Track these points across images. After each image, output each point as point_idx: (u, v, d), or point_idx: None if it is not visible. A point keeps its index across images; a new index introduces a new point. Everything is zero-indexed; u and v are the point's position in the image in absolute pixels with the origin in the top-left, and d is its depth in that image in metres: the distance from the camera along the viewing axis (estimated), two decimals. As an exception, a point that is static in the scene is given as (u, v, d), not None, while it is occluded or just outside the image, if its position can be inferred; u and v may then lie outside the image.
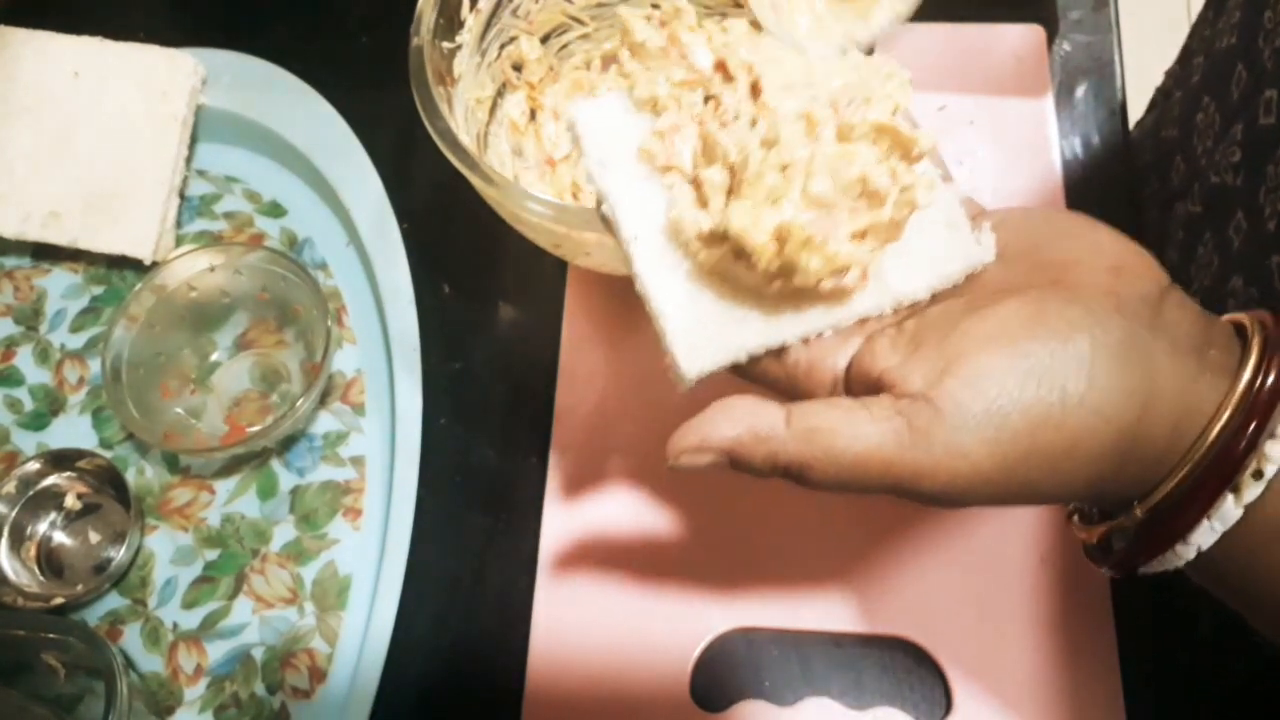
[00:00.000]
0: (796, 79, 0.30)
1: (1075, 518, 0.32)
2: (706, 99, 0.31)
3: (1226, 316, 0.29)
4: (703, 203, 0.30)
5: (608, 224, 0.32)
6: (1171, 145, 0.52)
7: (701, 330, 0.30)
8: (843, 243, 0.28)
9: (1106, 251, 0.29)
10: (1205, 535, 0.26)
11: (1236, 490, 0.26)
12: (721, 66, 0.31)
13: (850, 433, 0.27)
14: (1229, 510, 0.26)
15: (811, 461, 0.27)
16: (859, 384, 0.29)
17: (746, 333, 0.30)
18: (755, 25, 0.32)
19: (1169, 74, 0.58)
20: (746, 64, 0.30)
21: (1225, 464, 0.26)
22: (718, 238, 0.29)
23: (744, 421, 0.28)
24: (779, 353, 0.30)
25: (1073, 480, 0.26)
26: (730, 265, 0.29)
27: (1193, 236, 0.48)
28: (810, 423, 0.27)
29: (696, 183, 0.30)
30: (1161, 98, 0.57)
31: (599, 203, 0.32)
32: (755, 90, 0.30)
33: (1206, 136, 0.48)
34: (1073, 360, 0.26)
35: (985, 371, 0.26)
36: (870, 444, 0.26)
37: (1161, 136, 0.54)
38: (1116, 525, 0.29)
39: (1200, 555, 0.27)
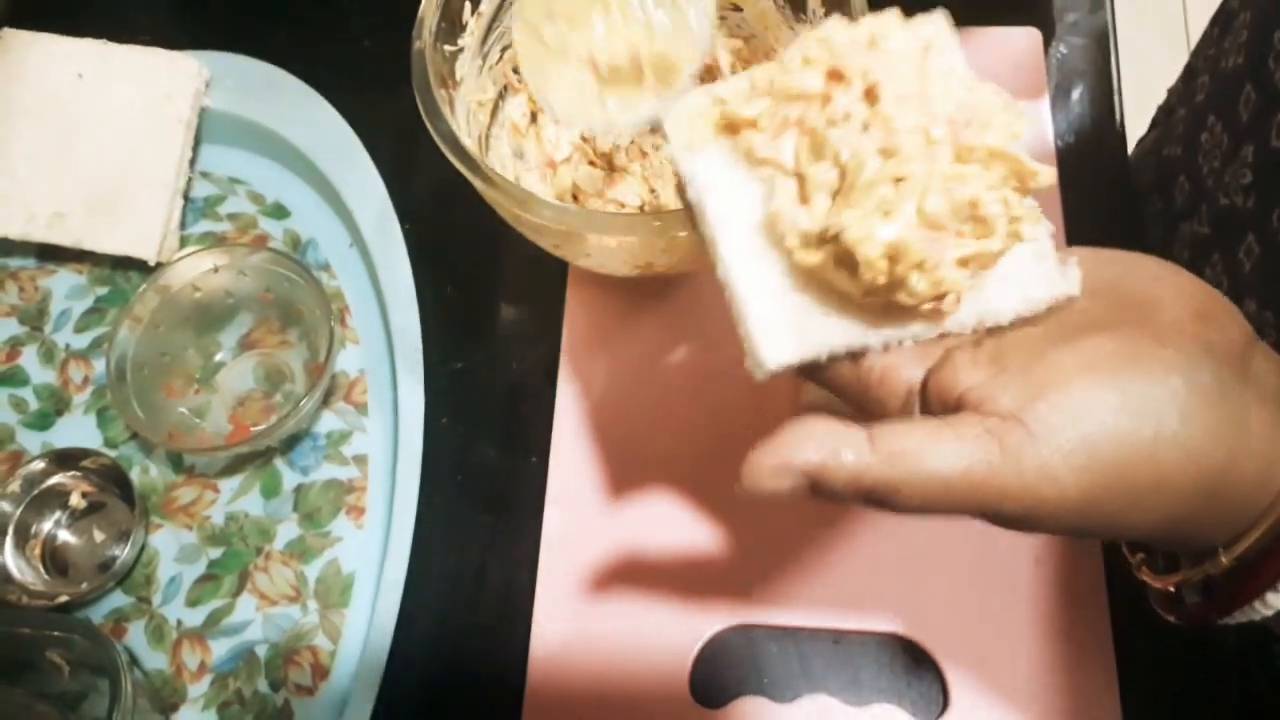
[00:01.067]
0: (911, 92, 0.29)
1: (1144, 567, 0.32)
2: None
3: None
4: (804, 199, 0.29)
5: (690, 210, 0.31)
6: (1175, 164, 0.52)
7: (784, 322, 0.29)
8: (950, 268, 0.28)
9: (1190, 296, 0.28)
10: None
11: None
12: (836, 74, 0.29)
13: (937, 452, 0.26)
14: None
15: (900, 484, 0.26)
16: (936, 399, 0.28)
17: (831, 330, 0.29)
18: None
19: (1172, 92, 0.58)
20: (863, 69, 0.29)
21: None
22: (822, 240, 0.28)
23: (827, 443, 0.26)
24: (855, 357, 0.29)
25: (1153, 516, 0.26)
26: (829, 271, 0.28)
27: (1199, 258, 0.48)
28: (896, 444, 0.26)
29: (800, 177, 0.29)
30: (1164, 115, 0.56)
31: (681, 188, 0.31)
32: (870, 95, 0.29)
33: (1213, 157, 0.48)
34: (1167, 398, 0.25)
35: (1079, 399, 0.26)
36: (959, 465, 0.26)
37: (1164, 155, 0.53)
38: (1194, 574, 0.29)
39: None
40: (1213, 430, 0.26)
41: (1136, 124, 0.59)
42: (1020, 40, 0.58)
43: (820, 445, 0.26)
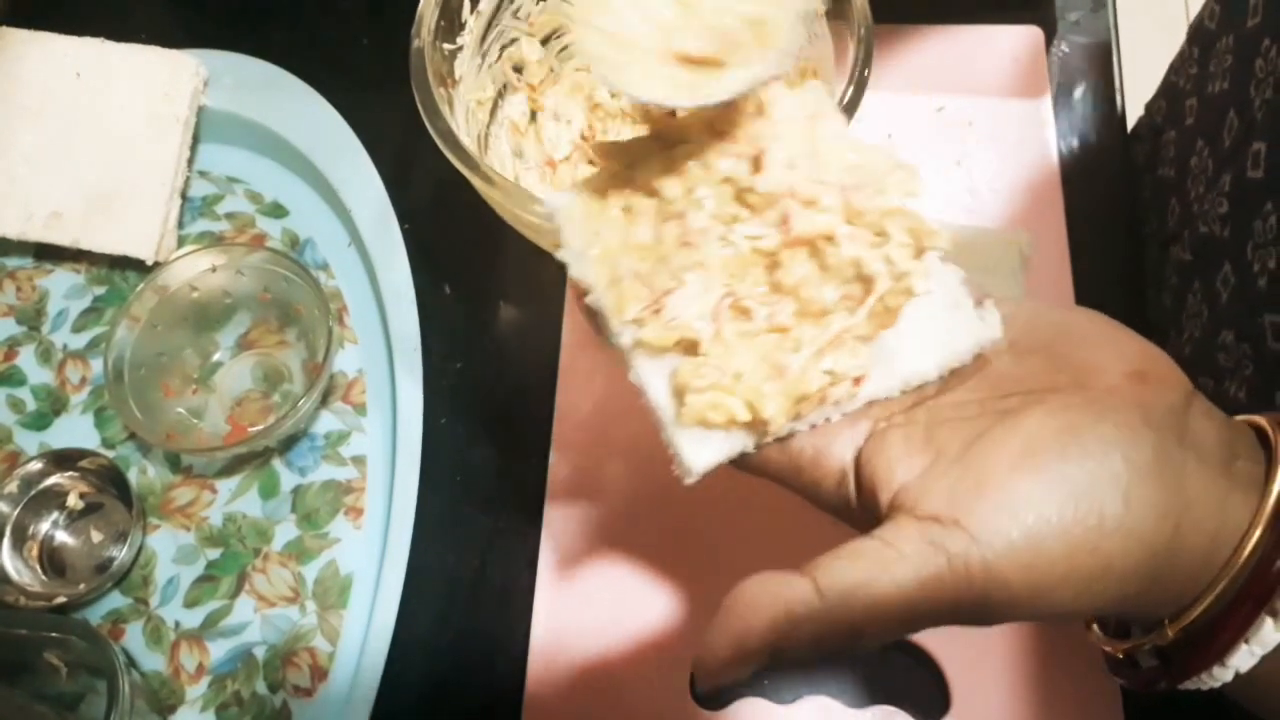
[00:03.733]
0: (801, 157, 0.29)
1: (1095, 628, 0.31)
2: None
3: (1242, 417, 0.29)
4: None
5: (592, 316, 0.30)
6: (1168, 186, 0.52)
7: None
8: (816, 369, 0.28)
9: (1128, 355, 0.28)
10: (1244, 659, 0.26)
11: (1275, 613, 0.25)
12: (721, 135, 0.29)
13: (887, 579, 0.25)
14: (1268, 633, 0.25)
15: (862, 625, 0.25)
16: (869, 492, 0.28)
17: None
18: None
19: (1151, 109, 0.57)
20: (751, 135, 0.29)
21: (1260, 585, 0.25)
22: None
23: (774, 606, 0.25)
24: (783, 441, 0.29)
25: (1100, 599, 0.26)
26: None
27: (1183, 283, 0.48)
28: (843, 582, 0.25)
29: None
30: (1150, 134, 0.56)
31: (583, 294, 0.30)
32: (757, 163, 0.29)
33: (1199, 182, 0.47)
34: (1108, 481, 0.25)
35: (1020, 495, 0.25)
36: (911, 586, 0.25)
37: (1158, 175, 0.53)
38: (1144, 642, 0.28)
39: (1238, 677, 0.26)
40: (1156, 508, 0.25)
41: (1135, 112, 0.59)
42: (1022, 39, 0.58)
43: (769, 611, 0.25)
